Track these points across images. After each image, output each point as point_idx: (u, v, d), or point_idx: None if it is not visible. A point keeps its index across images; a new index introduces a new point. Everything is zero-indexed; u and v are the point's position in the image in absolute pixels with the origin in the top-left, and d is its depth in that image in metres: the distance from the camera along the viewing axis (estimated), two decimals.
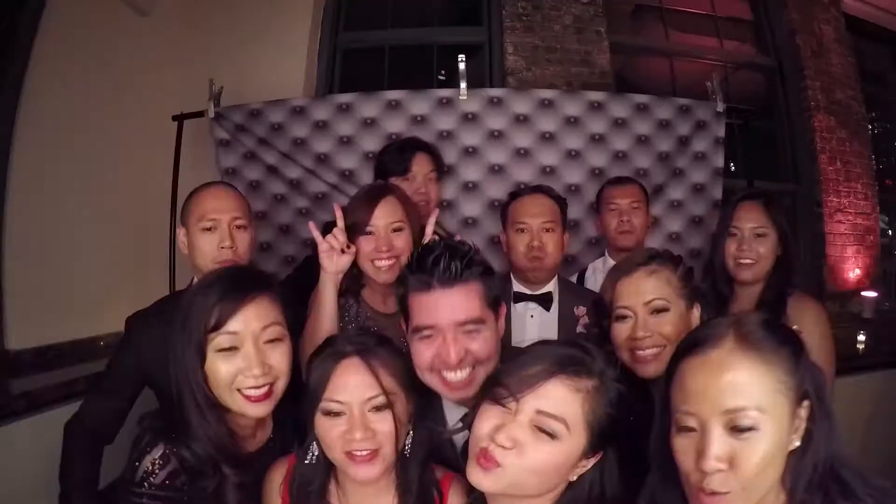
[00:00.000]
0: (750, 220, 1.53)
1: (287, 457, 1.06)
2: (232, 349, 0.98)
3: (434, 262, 1.01)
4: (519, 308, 1.69)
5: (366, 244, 1.36)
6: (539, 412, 0.82)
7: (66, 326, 2.20)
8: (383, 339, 1.03)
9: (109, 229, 2.44)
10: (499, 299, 1.11)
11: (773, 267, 1.54)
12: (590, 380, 0.85)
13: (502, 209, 1.77)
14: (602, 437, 0.85)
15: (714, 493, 0.73)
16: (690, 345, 0.81)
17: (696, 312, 1.19)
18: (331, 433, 0.94)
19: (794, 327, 1.52)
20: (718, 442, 0.73)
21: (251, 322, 0.99)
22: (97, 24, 2.37)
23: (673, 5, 3.48)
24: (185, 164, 2.40)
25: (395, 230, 1.38)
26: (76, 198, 2.26)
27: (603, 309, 1.23)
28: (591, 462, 0.87)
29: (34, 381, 1.78)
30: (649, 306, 1.15)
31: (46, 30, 2.12)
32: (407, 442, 0.99)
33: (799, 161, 3.40)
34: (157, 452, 0.96)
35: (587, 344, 0.93)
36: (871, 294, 3.26)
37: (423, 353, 1.02)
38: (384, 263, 1.36)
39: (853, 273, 3.33)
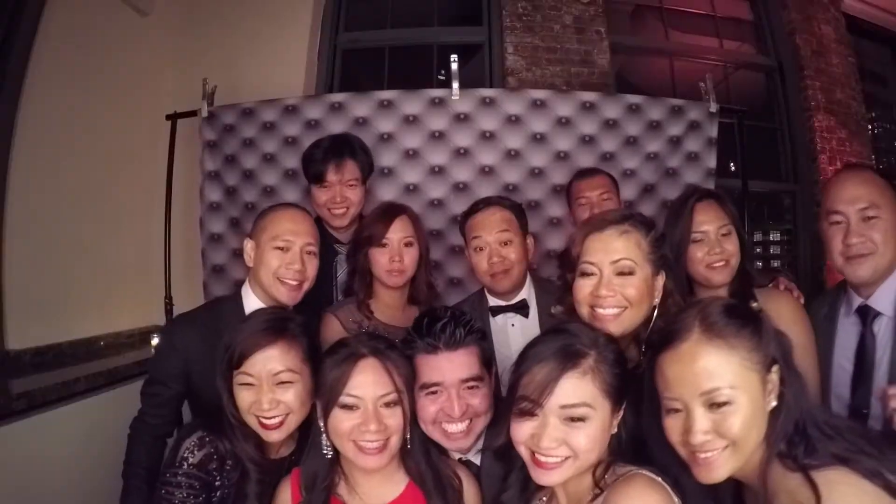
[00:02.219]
0: (713, 221, 1.41)
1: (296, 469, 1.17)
2: (250, 385, 1.15)
3: (441, 328, 1.16)
4: (499, 321, 1.64)
5: (380, 255, 1.58)
6: (563, 407, 0.93)
7: (66, 326, 2.22)
8: (392, 344, 1.16)
9: (108, 229, 2.46)
10: (492, 360, 1.26)
11: None
12: (588, 358, 0.95)
13: (460, 226, 1.70)
14: (620, 392, 0.97)
15: (708, 452, 0.86)
16: (663, 340, 0.94)
17: (661, 280, 1.16)
18: (344, 424, 1.05)
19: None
20: (701, 419, 0.86)
21: (268, 364, 1.14)
22: (97, 24, 2.39)
23: (673, 5, 3.47)
24: (180, 164, 2.39)
25: (406, 244, 1.60)
26: (76, 197, 2.28)
27: (569, 262, 1.20)
28: (620, 413, 0.99)
29: (34, 381, 1.79)
30: (616, 266, 1.12)
31: (46, 30, 2.14)
32: (407, 436, 1.10)
33: (799, 161, 3.39)
34: (195, 437, 1.14)
35: (568, 327, 1.02)
36: None
37: (427, 408, 1.15)
38: (396, 269, 1.58)
39: None
